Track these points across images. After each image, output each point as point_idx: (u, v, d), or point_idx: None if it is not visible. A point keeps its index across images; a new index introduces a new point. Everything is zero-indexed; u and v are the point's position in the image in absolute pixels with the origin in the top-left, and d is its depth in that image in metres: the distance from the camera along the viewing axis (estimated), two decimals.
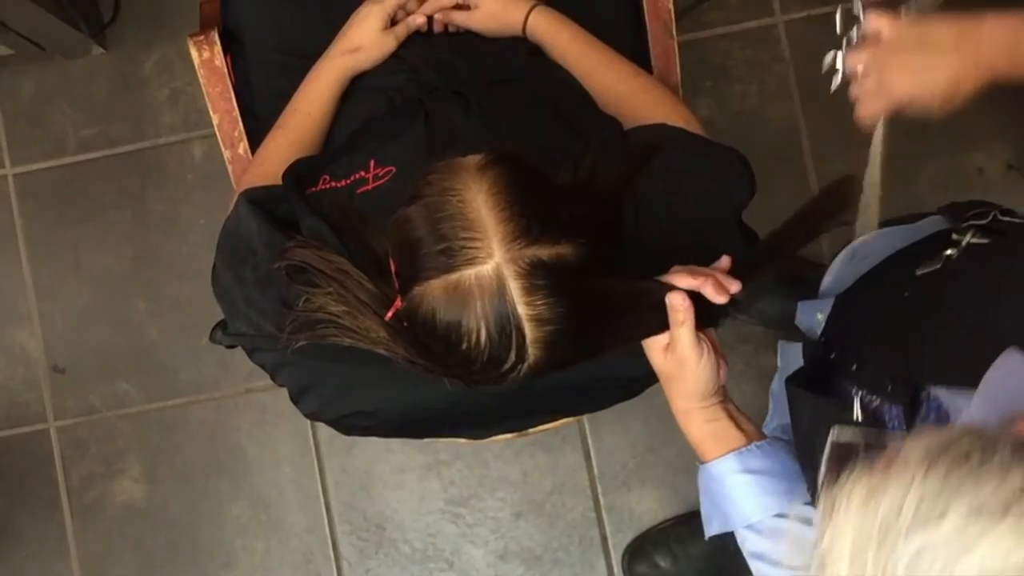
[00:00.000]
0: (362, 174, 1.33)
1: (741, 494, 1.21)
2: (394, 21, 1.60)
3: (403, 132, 1.39)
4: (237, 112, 1.71)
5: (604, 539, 2.45)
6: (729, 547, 1.29)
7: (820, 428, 1.11)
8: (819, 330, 1.47)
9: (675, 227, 1.30)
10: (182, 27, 2.43)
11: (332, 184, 1.34)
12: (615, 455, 2.45)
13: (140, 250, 2.50)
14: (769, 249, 1.25)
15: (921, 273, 1.20)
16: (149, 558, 2.48)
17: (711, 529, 1.26)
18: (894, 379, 1.10)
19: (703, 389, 1.19)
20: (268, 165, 1.46)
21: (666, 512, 2.44)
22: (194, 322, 2.43)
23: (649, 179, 1.27)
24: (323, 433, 2.46)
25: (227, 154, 1.72)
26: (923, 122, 2.33)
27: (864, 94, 1.28)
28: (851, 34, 1.30)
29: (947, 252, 1.17)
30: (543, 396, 1.42)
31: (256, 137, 1.68)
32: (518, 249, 1.02)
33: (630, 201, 1.26)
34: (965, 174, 2.43)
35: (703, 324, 1.17)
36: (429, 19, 1.62)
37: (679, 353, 1.16)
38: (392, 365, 1.14)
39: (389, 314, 1.11)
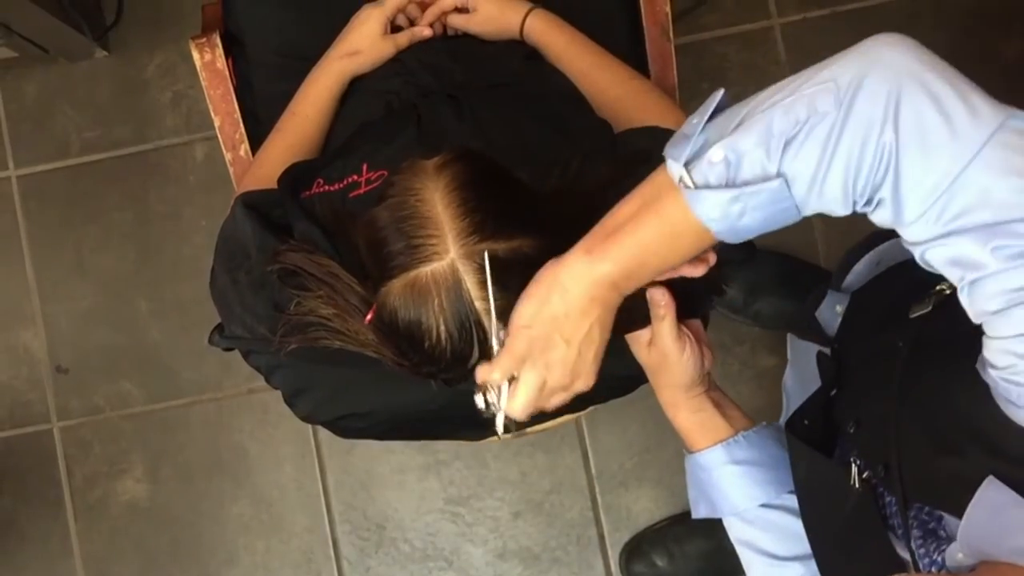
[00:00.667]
0: (355, 178, 1.34)
1: (728, 484, 1.22)
2: (393, 25, 1.60)
3: (395, 136, 1.39)
4: (238, 114, 1.71)
5: (602, 538, 2.45)
6: (725, 546, 1.29)
7: (818, 483, 1.12)
8: (837, 321, 1.47)
9: None
10: (184, 30, 2.43)
11: (326, 188, 1.35)
12: (613, 455, 2.45)
13: (143, 251, 2.50)
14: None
15: (914, 316, 1.20)
16: (152, 557, 2.48)
17: (698, 513, 1.27)
18: (887, 467, 1.11)
19: (687, 381, 1.20)
20: (267, 168, 1.46)
21: (663, 511, 2.43)
22: (196, 323, 2.43)
23: (638, 182, 1.27)
24: (324, 434, 2.46)
25: (228, 156, 1.72)
26: None
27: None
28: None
29: (940, 287, 1.17)
30: None
31: (257, 139, 1.68)
32: (473, 244, 1.03)
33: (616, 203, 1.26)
34: None
35: (686, 315, 1.17)
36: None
37: (661, 347, 1.17)
38: (384, 367, 1.14)
39: (368, 316, 1.11)
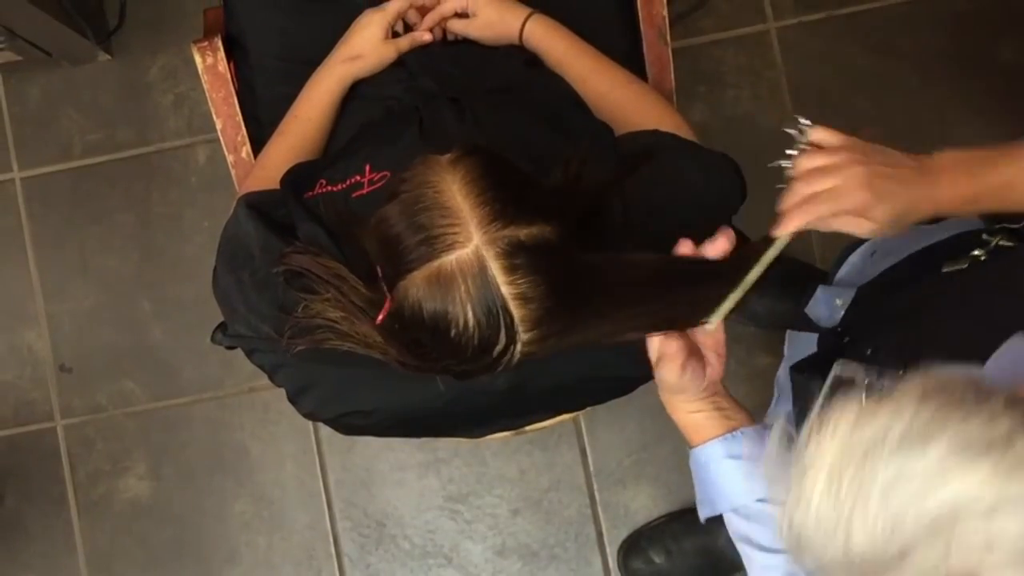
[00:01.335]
0: (357, 178, 1.34)
1: (726, 479, 1.22)
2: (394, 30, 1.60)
3: (398, 138, 1.40)
4: (240, 117, 1.71)
5: (600, 535, 2.45)
6: (722, 543, 1.30)
7: None
8: (838, 316, 1.47)
9: (664, 233, 1.30)
10: (186, 34, 2.43)
11: (329, 188, 1.34)
12: (611, 453, 2.45)
13: (145, 252, 2.50)
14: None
15: (947, 271, 1.20)
16: (154, 554, 2.48)
17: (703, 512, 1.27)
18: (907, 364, 1.10)
19: (682, 393, 1.21)
20: (269, 170, 1.46)
21: (661, 509, 2.43)
22: (198, 322, 2.43)
23: (638, 185, 1.27)
24: (325, 431, 2.46)
25: (230, 158, 1.72)
26: (911, 125, 2.33)
27: (812, 196, 1.14)
28: (799, 142, 1.18)
29: (975, 252, 1.17)
30: (537, 395, 1.41)
31: (259, 141, 1.68)
32: (496, 230, 1.03)
33: (618, 207, 1.26)
34: None
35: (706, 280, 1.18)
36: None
37: (661, 384, 1.19)
38: (388, 366, 1.14)
39: (380, 317, 1.11)
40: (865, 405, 0.79)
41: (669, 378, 1.17)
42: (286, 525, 2.48)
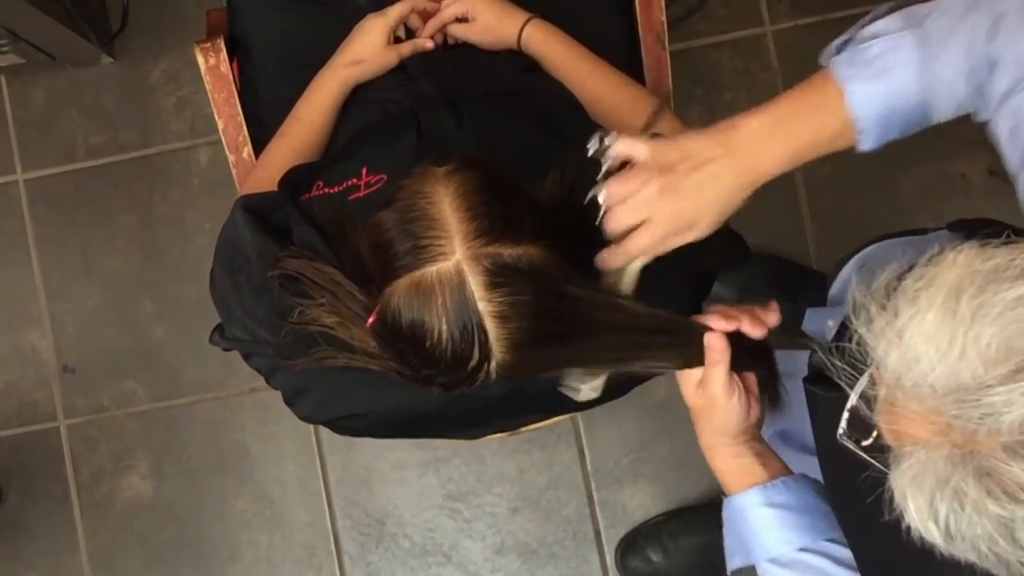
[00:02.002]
0: (354, 181, 1.34)
1: (764, 527, 1.19)
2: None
3: (395, 141, 1.39)
4: (242, 117, 1.71)
5: (598, 534, 2.45)
6: (719, 542, 1.29)
7: (836, 415, 1.11)
8: (829, 336, 1.46)
9: None
10: (188, 37, 2.42)
11: (326, 190, 1.34)
12: (609, 452, 2.45)
13: (147, 253, 2.50)
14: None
15: None
16: (156, 552, 2.48)
17: (733, 563, 1.24)
18: None
19: (731, 428, 1.18)
20: (269, 171, 1.46)
21: (658, 507, 2.43)
22: (200, 323, 2.41)
23: None
24: (325, 431, 2.45)
25: (232, 158, 1.72)
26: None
27: (639, 233, 1.11)
28: (605, 156, 1.13)
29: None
30: (533, 397, 1.41)
31: (260, 142, 1.68)
32: (480, 247, 1.03)
33: None
34: (948, 179, 2.43)
35: (742, 368, 1.16)
36: None
37: (709, 391, 1.15)
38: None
39: (370, 320, 1.11)
40: (984, 245, 0.79)
41: (719, 391, 1.14)
42: (287, 524, 2.47)
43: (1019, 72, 1.00)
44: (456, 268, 1.03)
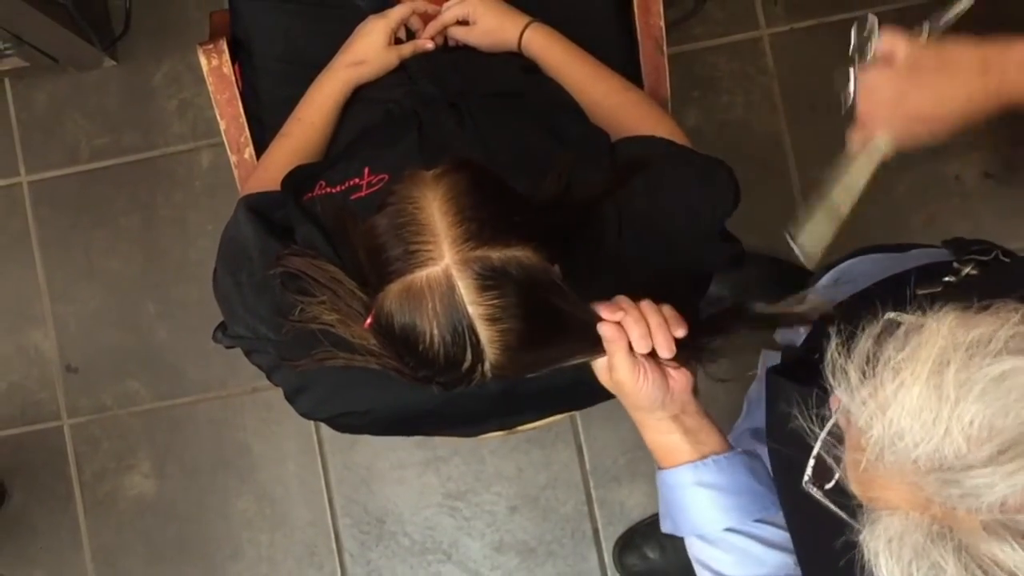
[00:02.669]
0: (356, 181, 1.33)
1: (693, 506, 1.20)
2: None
3: (397, 141, 1.39)
4: (243, 118, 1.71)
5: (596, 532, 2.45)
6: None
7: (794, 414, 1.11)
8: (799, 341, 1.46)
9: (659, 238, 1.29)
10: (190, 40, 2.42)
11: (328, 190, 1.34)
12: (606, 451, 2.44)
13: (150, 254, 2.50)
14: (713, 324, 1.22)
15: (922, 293, 1.19)
16: (158, 550, 2.48)
17: (665, 527, 1.26)
18: None
19: (648, 406, 1.18)
20: (271, 171, 1.46)
21: (655, 506, 2.41)
22: (202, 323, 2.41)
23: (634, 190, 1.27)
24: (326, 431, 2.46)
25: (233, 159, 1.71)
26: None
27: (877, 113, 1.19)
28: (866, 50, 1.20)
29: (946, 278, 1.16)
30: (529, 397, 1.41)
31: (262, 143, 1.68)
32: (468, 251, 1.03)
33: (613, 212, 1.26)
34: (943, 182, 2.43)
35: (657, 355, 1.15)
36: None
37: (615, 376, 1.15)
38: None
39: (367, 321, 1.11)
40: (964, 312, 0.78)
41: (625, 375, 1.13)
42: (288, 522, 2.47)
43: None
44: (445, 273, 1.03)
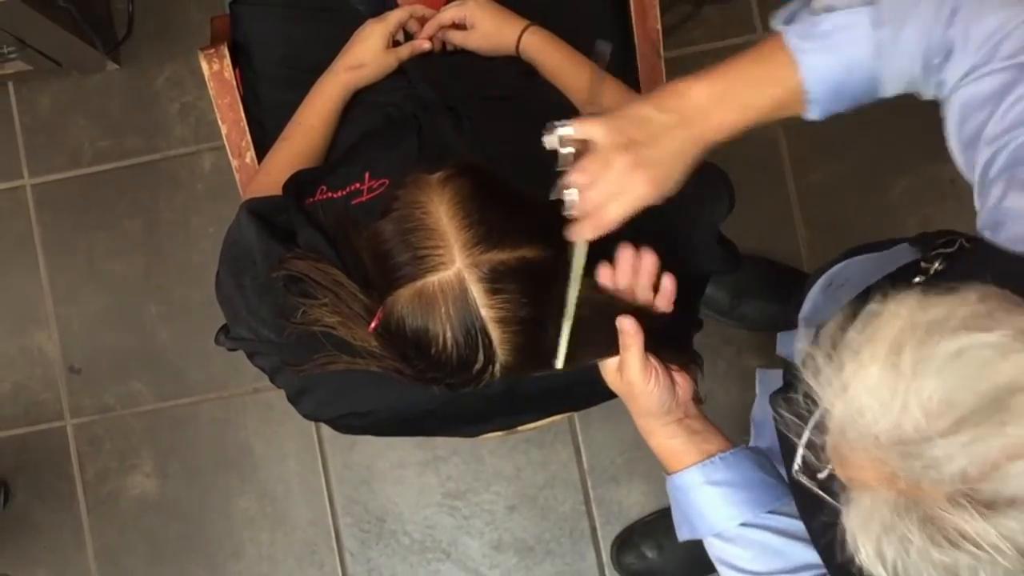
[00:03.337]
0: (357, 186, 1.34)
1: (706, 505, 1.20)
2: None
3: (397, 145, 1.40)
4: (245, 122, 1.71)
5: (594, 531, 2.45)
6: None
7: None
8: (799, 360, 1.45)
9: (657, 240, 1.29)
10: (192, 45, 2.43)
11: (329, 195, 1.35)
12: (604, 451, 2.44)
13: (152, 257, 2.50)
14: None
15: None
16: (161, 549, 2.48)
17: (682, 534, 1.26)
18: None
19: (656, 410, 1.18)
20: (272, 175, 1.46)
21: (653, 505, 2.43)
22: (203, 325, 2.42)
23: None
24: (326, 431, 2.46)
25: (235, 163, 1.71)
26: (897, 134, 2.33)
27: (606, 208, 1.09)
28: (566, 152, 1.10)
29: (916, 280, 1.16)
30: (529, 397, 1.41)
31: (263, 146, 1.68)
32: (479, 254, 1.03)
33: None
34: (937, 184, 2.43)
35: (659, 350, 1.16)
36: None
37: (627, 376, 1.15)
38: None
39: (372, 325, 1.11)
40: (926, 295, 0.79)
41: (636, 377, 1.14)
42: (289, 521, 2.47)
43: (972, 61, 1.00)
44: (457, 277, 1.03)
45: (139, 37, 2.51)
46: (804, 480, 0.90)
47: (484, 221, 1.04)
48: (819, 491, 0.89)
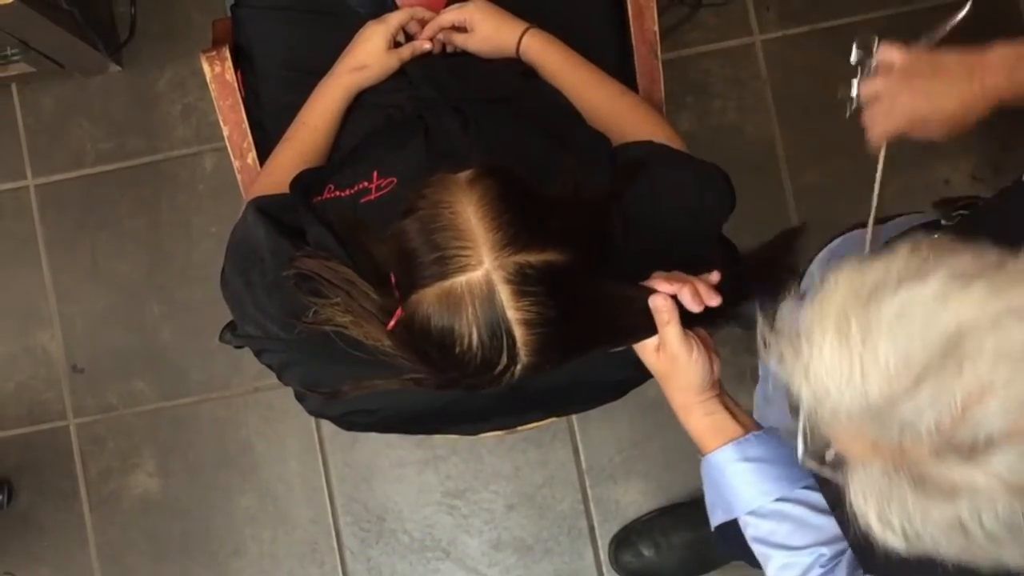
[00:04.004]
0: (365, 184, 1.33)
1: (741, 481, 1.20)
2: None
3: (405, 145, 1.39)
4: (246, 124, 1.71)
5: (592, 529, 2.45)
6: (709, 537, 1.29)
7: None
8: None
9: (660, 240, 1.30)
10: (194, 46, 2.43)
11: (337, 194, 1.34)
12: (602, 450, 2.45)
13: (154, 257, 2.50)
14: (745, 276, 1.24)
15: None
16: (163, 547, 2.48)
17: (716, 518, 1.26)
18: None
19: (698, 383, 1.19)
20: (276, 175, 1.46)
21: (650, 504, 2.43)
22: (205, 324, 2.43)
23: (636, 194, 1.27)
24: (327, 429, 2.46)
25: (236, 164, 1.71)
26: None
27: (877, 116, 1.28)
28: (866, 63, 1.30)
29: (935, 236, 1.18)
30: (534, 396, 1.41)
31: (265, 148, 1.68)
32: (507, 256, 1.03)
33: (619, 215, 1.26)
34: (932, 184, 2.43)
35: (693, 323, 1.16)
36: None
37: (670, 351, 1.16)
38: (395, 368, 1.14)
39: (391, 323, 1.11)
40: (862, 261, 0.81)
41: (678, 348, 1.15)
42: (290, 519, 2.47)
43: None
44: (485, 278, 1.03)
45: (141, 39, 2.52)
46: (813, 465, 0.91)
47: (512, 223, 1.04)
48: (827, 473, 0.89)
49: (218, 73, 1.70)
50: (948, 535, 0.77)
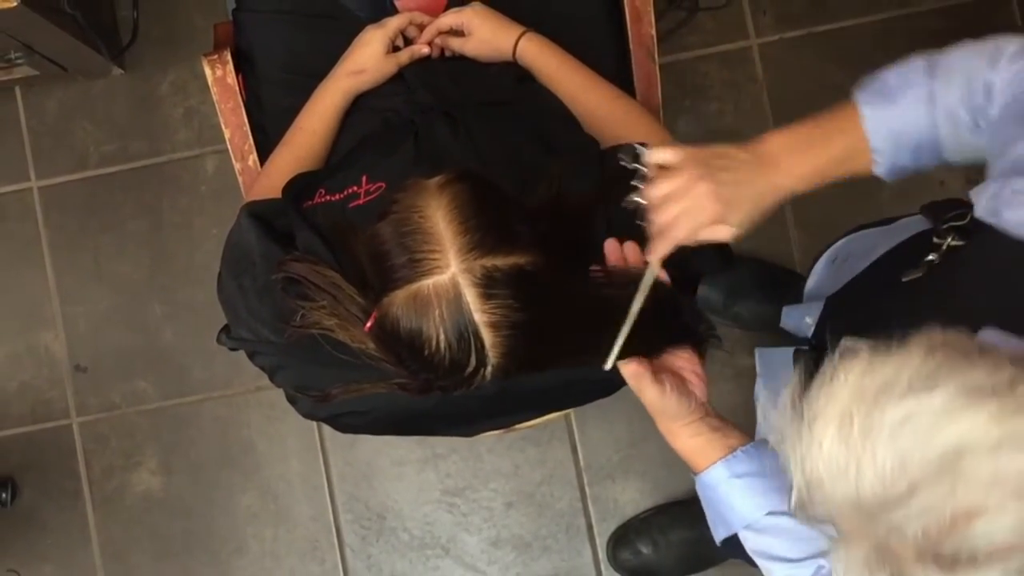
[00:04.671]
0: (355, 189, 1.34)
1: (735, 498, 1.20)
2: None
3: (394, 150, 1.40)
4: (247, 127, 1.71)
5: (590, 527, 2.45)
6: (706, 535, 1.29)
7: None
8: (809, 333, 1.45)
9: (644, 243, 1.29)
10: (195, 50, 2.43)
11: (327, 198, 1.35)
12: (600, 449, 2.45)
13: (157, 258, 2.50)
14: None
15: (906, 280, 1.19)
16: (165, 545, 2.48)
17: (719, 535, 1.26)
18: None
19: (676, 414, 1.20)
20: (273, 178, 1.46)
21: (648, 502, 2.43)
22: (207, 325, 2.41)
23: (621, 196, 1.27)
24: (328, 429, 2.44)
25: (238, 166, 1.72)
26: None
27: (679, 218, 1.12)
28: (638, 172, 1.15)
29: (929, 257, 1.16)
30: (523, 396, 1.41)
31: (265, 151, 1.68)
32: (474, 259, 1.04)
33: (602, 218, 1.26)
34: (927, 187, 2.43)
35: (678, 342, 1.18)
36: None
37: (645, 401, 1.19)
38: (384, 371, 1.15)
39: (368, 325, 1.11)
40: (874, 356, 0.80)
41: (652, 397, 1.17)
42: (291, 518, 2.47)
43: (1014, 91, 1.03)
44: (452, 281, 1.03)
45: (144, 43, 2.52)
46: (800, 517, 0.91)
47: (480, 227, 1.05)
48: (816, 528, 0.90)
49: (220, 76, 1.70)
50: None
